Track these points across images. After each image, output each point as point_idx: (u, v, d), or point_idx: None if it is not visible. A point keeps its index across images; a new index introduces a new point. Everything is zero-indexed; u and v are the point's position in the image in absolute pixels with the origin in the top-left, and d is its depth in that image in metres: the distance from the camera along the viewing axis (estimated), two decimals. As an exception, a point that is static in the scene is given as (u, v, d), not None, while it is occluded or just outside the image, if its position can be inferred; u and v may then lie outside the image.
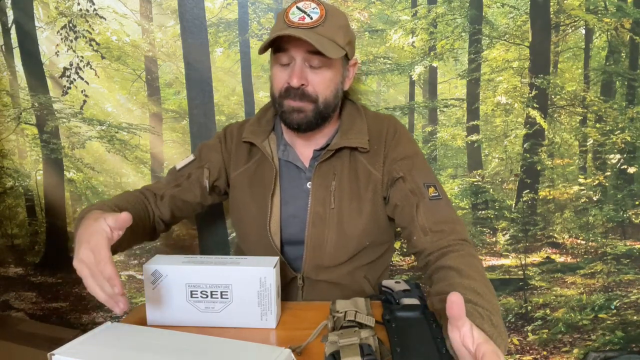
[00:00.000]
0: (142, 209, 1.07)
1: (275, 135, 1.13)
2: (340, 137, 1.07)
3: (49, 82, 1.61)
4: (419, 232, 0.96)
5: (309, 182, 1.07)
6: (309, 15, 0.95)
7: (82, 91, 1.60)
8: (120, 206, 0.96)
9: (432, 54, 1.49)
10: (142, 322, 0.87)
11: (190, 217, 1.53)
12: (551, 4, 1.45)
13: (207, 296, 0.84)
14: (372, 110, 1.18)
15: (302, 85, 0.98)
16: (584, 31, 1.48)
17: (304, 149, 1.11)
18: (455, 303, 0.61)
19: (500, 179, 1.56)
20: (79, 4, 1.54)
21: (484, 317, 0.72)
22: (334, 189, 1.04)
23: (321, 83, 0.99)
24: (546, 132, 1.53)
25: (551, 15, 1.46)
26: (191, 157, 1.18)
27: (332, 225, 1.04)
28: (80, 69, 1.59)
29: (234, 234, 1.63)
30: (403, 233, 1.04)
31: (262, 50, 0.99)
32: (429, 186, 1.00)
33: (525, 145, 1.53)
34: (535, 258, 1.60)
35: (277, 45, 0.99)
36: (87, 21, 1.55)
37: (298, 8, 0.97)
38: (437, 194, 1.00)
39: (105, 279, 0.70)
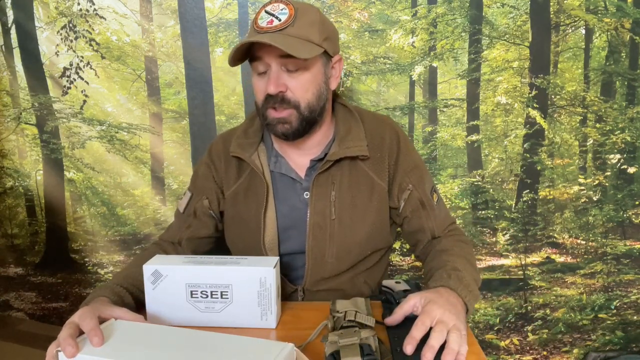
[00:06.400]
0: None
1: (265, 146, 1.08)
2: (338, 145, 1.02)
3: (49, 82, 1.62)
4: (427, 238, 1.05)
5: (307, 192, 1.03)
6: (277, 18, 0.92)
7: (82, 91, 1.60)
8: (130, 289, 0.90)
9: (432, 54, 1.49)
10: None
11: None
12: (551, 4, 1.45)
13: (207, 296, 0.84)
14: (367, 110, 1.13)
15: (281, 91, 0.94)
16: (584, 31, 1.48)
17: (298, 159, 1.06)
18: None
19: (500, 179, 1.56)
20: (79, 4, 1.54)
21: (451, 276, 0.83)
22: (334, 199, 1.01)
23: (300, 87, 0.95)
24: (546, 132, 1.53)
25: (551, 15, 1.46)
26: (188, 194, 1.13)
27: (333, 236, 1.01)
28: (80, 69, 1.59)
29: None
30: (407, 237, 1.09)
31: (234, 62, 0.95)
32: (432, 192, 1.06)
33: (525, 145, 1.53)
34: (535, 258, 1.60)
35: (252, 54, 0.95)
36: (87, 21, 1.55)
37: (267, 12, 0.93)
38: (437, 198, 1.07)
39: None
